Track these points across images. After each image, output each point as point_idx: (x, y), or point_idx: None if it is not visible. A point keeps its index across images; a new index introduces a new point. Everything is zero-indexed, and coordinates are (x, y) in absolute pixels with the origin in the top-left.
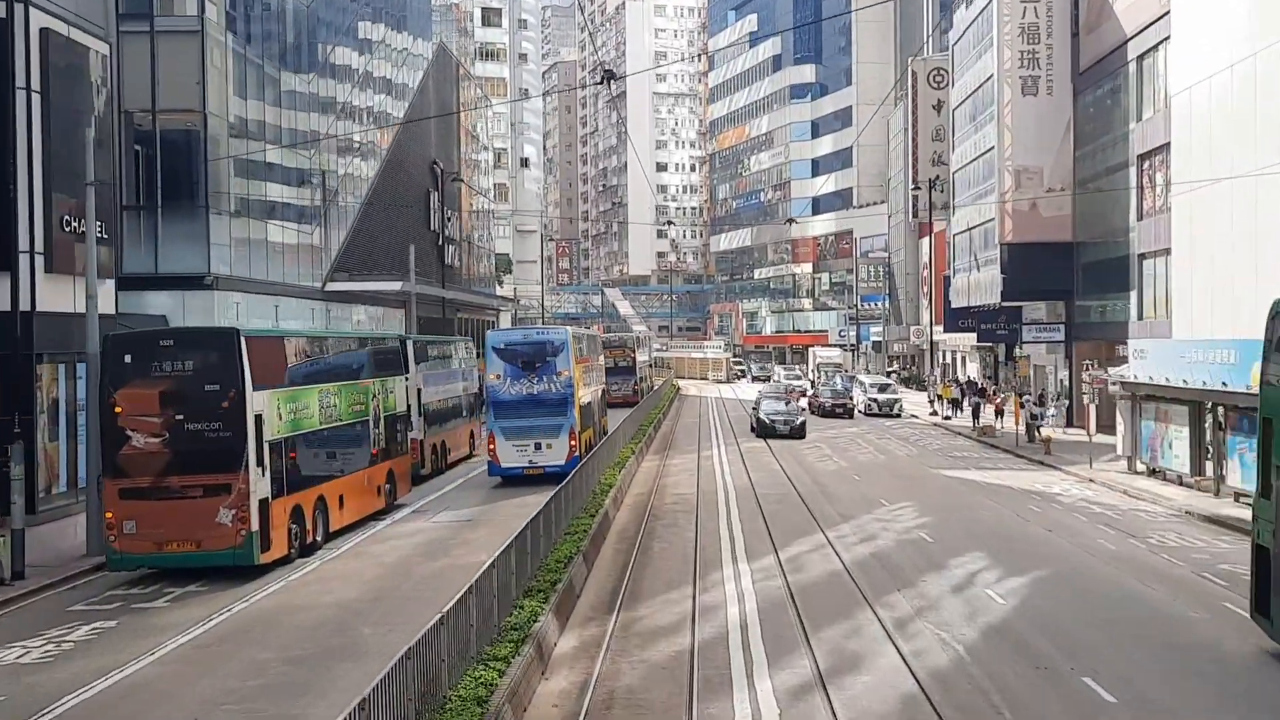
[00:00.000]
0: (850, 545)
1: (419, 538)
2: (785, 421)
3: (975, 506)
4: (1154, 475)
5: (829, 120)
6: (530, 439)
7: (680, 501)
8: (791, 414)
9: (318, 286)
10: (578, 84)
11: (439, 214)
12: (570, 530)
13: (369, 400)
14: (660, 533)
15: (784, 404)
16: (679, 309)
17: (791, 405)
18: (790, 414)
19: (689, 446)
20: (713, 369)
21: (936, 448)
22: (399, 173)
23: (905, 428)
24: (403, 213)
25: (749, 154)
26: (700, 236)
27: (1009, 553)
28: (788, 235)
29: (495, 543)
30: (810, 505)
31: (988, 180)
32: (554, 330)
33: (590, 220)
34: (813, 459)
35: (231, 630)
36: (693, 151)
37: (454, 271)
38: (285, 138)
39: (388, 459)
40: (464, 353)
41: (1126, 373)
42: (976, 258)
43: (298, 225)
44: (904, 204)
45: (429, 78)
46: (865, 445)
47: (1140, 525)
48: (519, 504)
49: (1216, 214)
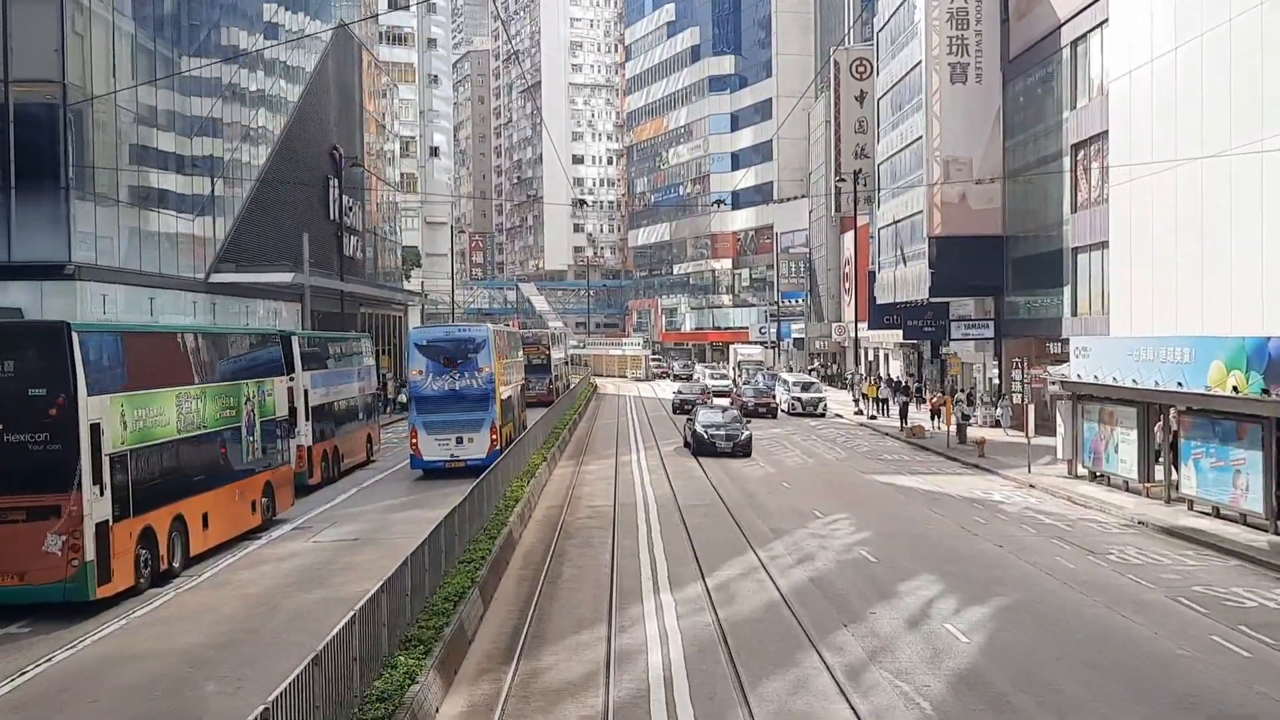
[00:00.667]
0: (786, 568)
1: (295, 562)
2: (728, 437)
3: (917, 519)
4: (1097, 480)
5: (749, 113)
6: (452, 433)
7: (596, 515)
8: (733, 427)
9: (201, 278)
10: (490, 73)
11: (339, 203)
12: (467, 557)
13: (241, 404)
14: (572, 555)
15: (721, 415)
16: (597, 305)
17: (730, 415)
18: (732, 427)
19: (607, 451)
20: (631, 366)
21: (866, 450)
22: (294, 158)
23: (831, 428)
24: (298, 200)
25: (667, 147)
26: (618, 231)
27: (962, 575)
28: (707, 230)
29: (382, 568)
30: (738, 518)
31: (915, 171)
32: (476, 328)
33: (504, 214)
34: (739, 464)
35: (41, 691)
36: (610, 144)
37: (356, 264)
38: (164, 118)
39: (265, 470)
40: (361, 350)
41: (1068, 371)
42: (903, 252)
43: (177, 213)
44: (826, 198)
45: (328, 60)
46: (792, 448)
47: (1096, 538)
48: (413, 519)
49: (1158, 205)
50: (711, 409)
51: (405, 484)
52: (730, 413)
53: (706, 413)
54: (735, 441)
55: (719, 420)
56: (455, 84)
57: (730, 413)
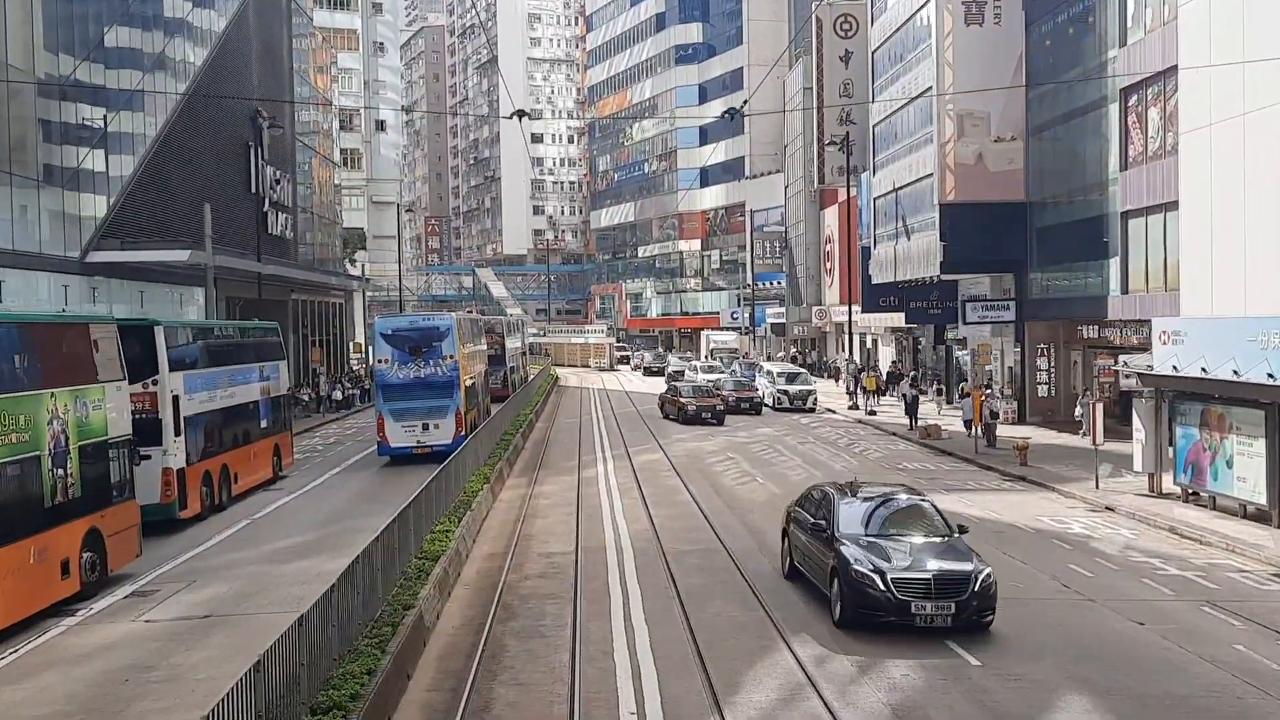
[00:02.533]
0: (847, 684)
1: (92, 666)
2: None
3: (999, 571)
4: (1195, 501)
5: (718, 84)
6: (418, 420)
7: (550, 573)
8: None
9: (76, 257)
10: (445, 50)
11: (261, 174)
12: (338, 679)
13: (40, 423)
14: (511, 658)
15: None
16: (558, 291)
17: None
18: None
19: (567, 463)
20: (595, 355)
21: (877, 456)
22: (205, 125)
23: (826, 426)
24: (212, 172)
25: (631, 122)
26: (579, 213)
27: (1131, 699)
28: (674, 210)
29: (227, 674)
30: (752, 580)
31: (923, 130)
32: (440, 316)
33: (461, 196)
34: (730, 480)
35: None
36: (571, 122)
37: (286, 244)
38: (28, 76)
39: (87, 514)
40: (267, 341)
41: (1151, 362)
42: (905, 224)
43: (42, 182)
44: (803, 171)
45: (248, 16)
46: (789, 455)
47: (1256, 602)
48: (306, 574)
49: (1251, 153)
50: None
51: (317, 511)
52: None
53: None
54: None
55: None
56: (409, 61)
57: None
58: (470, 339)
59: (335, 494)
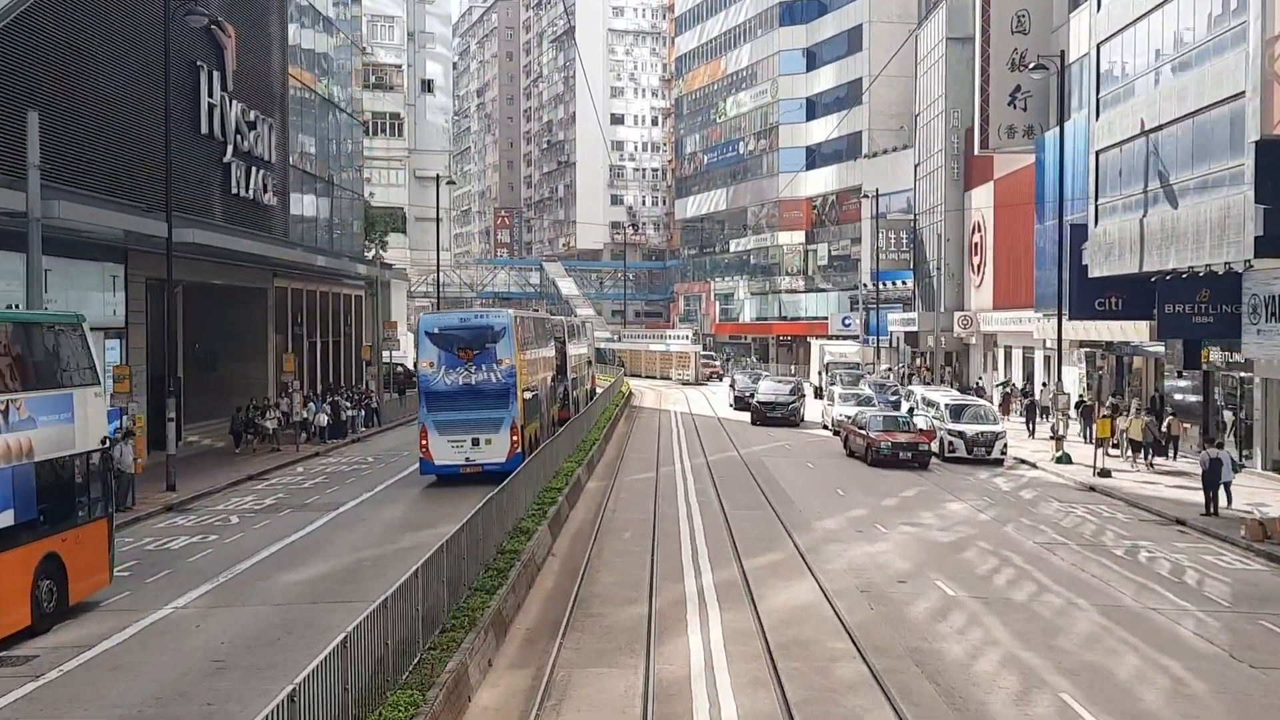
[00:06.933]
0: None
1: None
2: None
3: None
4: None
5: (831, 46)
6: (467, 434)
7: None
8: None
9: None
10: (520, 25)
11: (218, 110)
12: None
13: None
14: None
15: None
16: (636, 290)
17: None
18: None
19: (622, 611)
20: (677, 366)
21: (1218, 606)
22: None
23: (1043, 499)
24: (131, 105)
25: (725, 95)
26: (663, 204)
27: None
28: (772, 196)
29: None
30: None
31: (1218, 29)
32: (495, 314)
33: (533, 185)
34: (999, 704)
35: None
36: (655, 101)
37: (265, 212)
38: None
39: None
40: (59, 356)
41: None
42: (1164, 182)
43: None
44: (944, 143)
45: None
46: (1047, 579)
47: None
48: None
49: None
50: None
51: None
52: None
53: None
54: None
55: None
56: (481, 39)
57: None
58: (533, 341)
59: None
